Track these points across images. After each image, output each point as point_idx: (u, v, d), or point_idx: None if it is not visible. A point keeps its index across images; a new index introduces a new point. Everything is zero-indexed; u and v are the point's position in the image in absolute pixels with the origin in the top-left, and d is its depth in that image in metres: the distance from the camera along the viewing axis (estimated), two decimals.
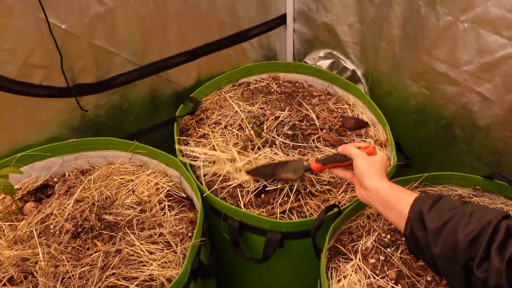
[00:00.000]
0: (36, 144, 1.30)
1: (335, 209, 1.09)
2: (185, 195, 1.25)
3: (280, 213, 1.17)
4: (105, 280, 1.00)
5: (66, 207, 1.17)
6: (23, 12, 1.11)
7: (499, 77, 1.12)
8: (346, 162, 1.04)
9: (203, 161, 1.30)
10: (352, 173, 1.02)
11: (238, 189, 1.23)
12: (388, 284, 0.96)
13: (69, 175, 1.32)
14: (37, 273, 1.01)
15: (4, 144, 1.27)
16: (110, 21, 1.28)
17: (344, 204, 1.16)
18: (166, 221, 1.17)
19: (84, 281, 1.00)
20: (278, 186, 1.21)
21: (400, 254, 1.03)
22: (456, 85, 1.23)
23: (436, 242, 0.72)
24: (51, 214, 1.16)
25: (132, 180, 1.27)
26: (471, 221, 0.70)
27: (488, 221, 0.68)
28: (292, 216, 1.17)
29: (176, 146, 1.33)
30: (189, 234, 1.14)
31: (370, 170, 0.95)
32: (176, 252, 1.08)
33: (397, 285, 0.96)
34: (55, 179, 1.31)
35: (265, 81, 1.68)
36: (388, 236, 1.07)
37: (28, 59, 1.18)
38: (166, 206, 1.20)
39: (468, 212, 0.72)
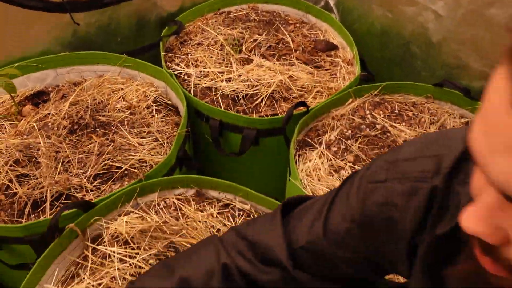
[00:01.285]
0: (30, 57, 1.40)
1: (304, 108, 1.24)
2: (170, 102, 1.38)
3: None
4: (101, 163, 1.14)
5: (62, 109, 1.29)
6: None
7: None
8: None
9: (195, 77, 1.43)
10: None
11: (219, 95, 1.36)
12: (346, 164, 1.13)
13: (63, 86, 1.43)
14: (39, 157, 1.14)
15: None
16: None
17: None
18: (154, 122, 1.30)
19: (82, 164, 1.14)
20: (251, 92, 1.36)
21: (358, 145, 1.19)
22: (414, 5, 1.38)
23: None
24: (49, 114, 1.28)
25: (122, 89, 1.39)
26: None
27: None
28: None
29: (162, 59, 1.45)
30: (175, 133, 1.28)
31: None
32: (163, 145, 1.23)
33: (354, 166, 1.13)
34: (50, 89, 1.42)
35: (245, 10, 1.80)
36: (350, 131, 1.23)
37: None
38: (154, 110, 1.33)
39: None
